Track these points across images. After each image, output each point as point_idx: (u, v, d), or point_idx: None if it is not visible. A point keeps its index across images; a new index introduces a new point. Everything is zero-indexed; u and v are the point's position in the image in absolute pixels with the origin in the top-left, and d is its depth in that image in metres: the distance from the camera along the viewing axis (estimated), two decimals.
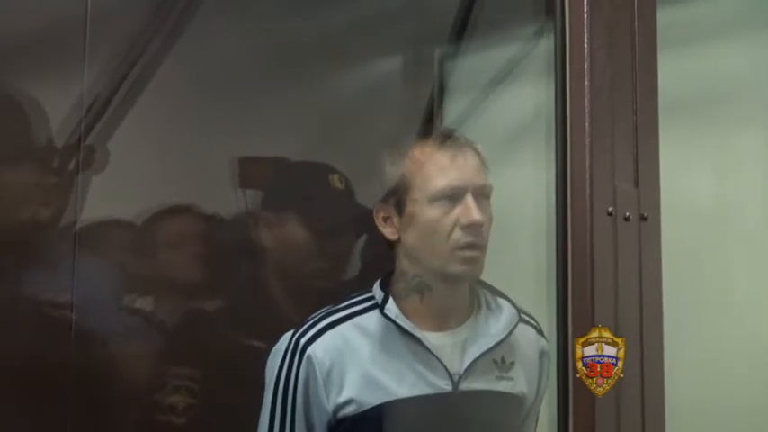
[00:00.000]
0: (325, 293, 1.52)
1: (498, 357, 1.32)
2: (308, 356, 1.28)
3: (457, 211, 1.25)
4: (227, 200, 1.63)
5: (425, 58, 1.88)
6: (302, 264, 1.59)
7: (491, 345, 1.29)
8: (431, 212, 1.26)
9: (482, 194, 1.26)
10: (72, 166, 1.49)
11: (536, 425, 1.39)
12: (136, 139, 1.59)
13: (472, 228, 1.24)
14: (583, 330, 1.15)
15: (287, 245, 1.56)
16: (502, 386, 1.33)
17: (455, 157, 1.27)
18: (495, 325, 1.31)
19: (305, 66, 1.75)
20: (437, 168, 1.28)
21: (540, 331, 1.36)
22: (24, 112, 1.45)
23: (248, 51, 1.69)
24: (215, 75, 1.66)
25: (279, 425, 1.29)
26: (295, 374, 1.29)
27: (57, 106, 1.50)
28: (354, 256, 1.61)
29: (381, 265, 1.38)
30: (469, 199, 1.25)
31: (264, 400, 1.30)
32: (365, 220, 1.61)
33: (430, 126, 1.69)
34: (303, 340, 1.29)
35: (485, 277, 1.36)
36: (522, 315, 1.31)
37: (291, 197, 1.60)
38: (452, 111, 1.79)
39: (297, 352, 1.29)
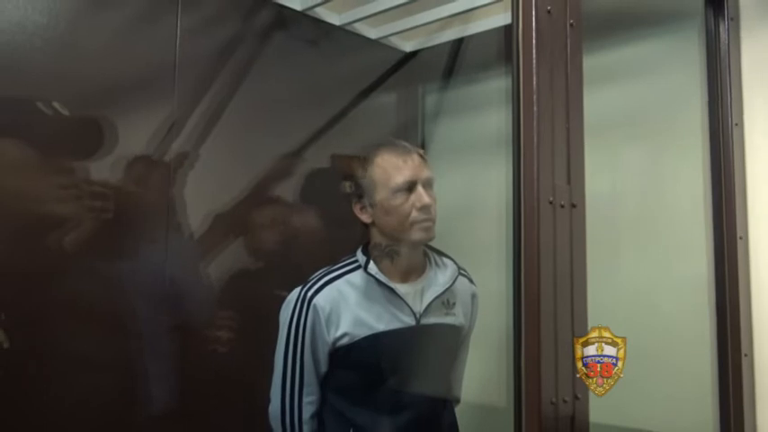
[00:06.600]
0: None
1: (445, 300, 1.60)
2: (314, 305, 1.53)
3: (412, 197, 1.52)
4: (278, 193, 2.03)
5: (413, 93, 2.19)
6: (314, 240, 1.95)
7: (440, 291, 1.57)
8: (394, 201, 1.54)
9: (428, 184, 1.53)
10: (166, 166, 1.82)
11: (468, 348, 1.66)
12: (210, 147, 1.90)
13: (425, 209, 1.51)
14: (531, 292, 1.23)
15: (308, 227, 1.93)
16: (449, 320, 1.62)
17: (406, 159, 1.52)
18: (443, 277, 1.58)
19: (329, 99, 2.12)
20: (395, 169, 1.53)
21: (471, 281, 1.64)
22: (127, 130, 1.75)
23: (288, 89, 2.07)
24: (265, 105, 2.01)
25: (291, 356, 1.52)
26: (304, 319, 1.52)
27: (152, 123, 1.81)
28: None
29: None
30: (420, 188, 1.52)
31: (279, 338, 1.57)
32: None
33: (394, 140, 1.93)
34: (309, 293, 1.55)
35: (459, 253, 1.62)
36: (461, 270, 1.58)
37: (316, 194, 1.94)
38: (433, 130, 2.07)
39: (305, 302, 1.53)
